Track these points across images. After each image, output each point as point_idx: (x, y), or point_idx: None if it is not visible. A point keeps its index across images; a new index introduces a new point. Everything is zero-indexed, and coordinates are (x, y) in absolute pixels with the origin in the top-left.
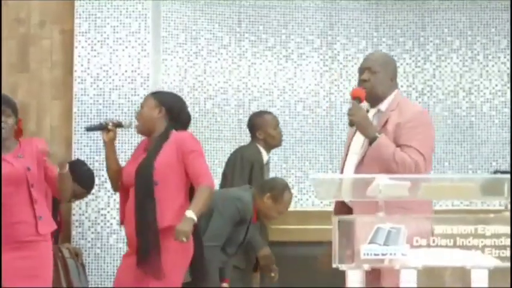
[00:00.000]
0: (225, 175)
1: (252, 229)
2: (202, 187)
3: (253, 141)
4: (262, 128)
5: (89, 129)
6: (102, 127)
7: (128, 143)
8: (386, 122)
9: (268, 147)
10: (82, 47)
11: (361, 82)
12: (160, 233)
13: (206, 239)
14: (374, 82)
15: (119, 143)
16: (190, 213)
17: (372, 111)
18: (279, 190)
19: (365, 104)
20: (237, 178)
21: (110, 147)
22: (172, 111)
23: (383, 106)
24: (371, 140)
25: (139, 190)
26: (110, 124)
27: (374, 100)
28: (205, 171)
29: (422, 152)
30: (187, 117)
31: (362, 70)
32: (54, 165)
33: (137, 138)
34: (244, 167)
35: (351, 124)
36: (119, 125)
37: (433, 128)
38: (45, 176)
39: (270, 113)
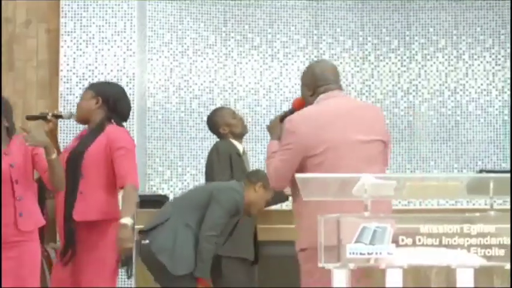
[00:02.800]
0: (206, 172)
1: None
2: (127, 189)
3: (223, 138)
4: (222, 123)
5: (29, 118)
6: (41, 117)
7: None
8: None
9: (238, 138)
10: (68, 47)
11: None
12: (86, 228)
13: (204, 229)
14: (301, 93)
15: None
16: (125, 220)
17: None
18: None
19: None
20: (218, 172)
21: (50, 138)
22: (108, 101)
23: None
24: None
25: (67, 181)
26: (50, 114)
27: None
28: (130, 170)
29: (276, 161)
30: (126, 108)
31: None
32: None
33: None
34: (222, 159)
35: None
36: (58, 115)
37: (298, 135)
38: (37, 168)
39: (222, 107)
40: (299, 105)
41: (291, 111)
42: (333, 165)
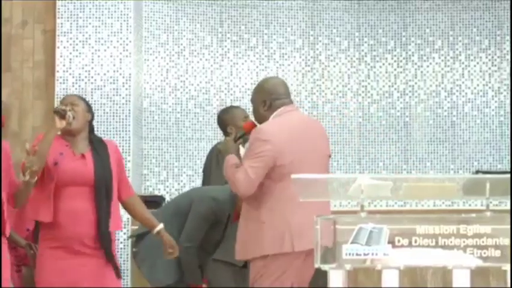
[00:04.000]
0: (204, 173)
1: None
2: (137, 198)
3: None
4: (232, 123)
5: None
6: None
7: None
8: None
9: (243, 141)
10: (64, 47)
11: None
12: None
13: (182, 240)
14: (253, 112)
15: None
16: (161, 225)
17: None
18: None
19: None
20: (215, 174)
21: (54, 136)
22: (93, 118)
23: None
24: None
25: (99, 192)
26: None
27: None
28: (129, 182)
29: (246, 168)
30: None
31: None
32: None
33: None
34: (221, 162)
35: (218, 152)
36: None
37: (272, 144)
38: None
39: (237, 106)
40: (250, 128)
41: (241, 135)
42: (285, 178)
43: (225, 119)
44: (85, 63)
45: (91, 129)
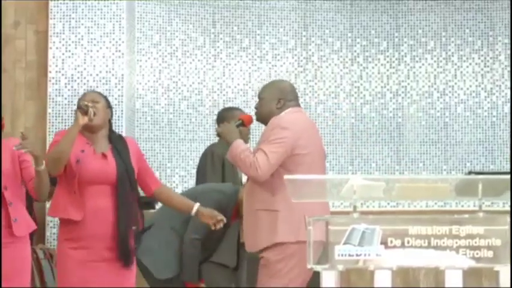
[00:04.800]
0: (197, 174)
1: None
2: (165, 186)
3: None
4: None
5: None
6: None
7: None
8: None
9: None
10: (56, 48)
11: (255, 109)
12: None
13: (189, 232)
14: (261, 106)
15: None
16: (198, 205)
17: None
18: None
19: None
20: (210, 175)
21: (77, 132)
22: (112, 115)
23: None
24: (230, 146)
25: (122, 191)
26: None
27: (265, 121)
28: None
29: (265, 151)
30: None
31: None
32: (30, 156)
33: None
34: (215, 163)
35: (218, 135)
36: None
37: (292, 132)
38: (23, 175)
39: (238, 108)
40: (248, 120)
41: (240, 124)
42: (309, 169)
43: (226, 116)
44: (77, 63)
45: (110, 126)
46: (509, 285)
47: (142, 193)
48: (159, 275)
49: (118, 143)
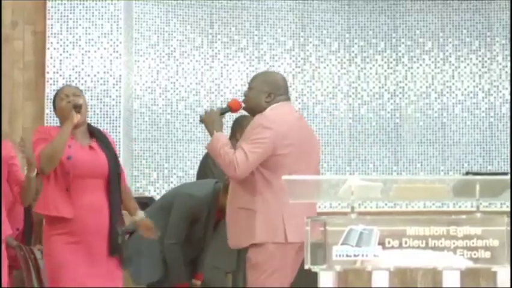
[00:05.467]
0: (198, 175)
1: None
2: (126, 187)
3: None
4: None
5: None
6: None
7: None
8: None
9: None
10: (54, 48)
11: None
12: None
13: (166, 237)
14: (249, 96)
15: None
16: (140, 216)
17: None
18: None
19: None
20: (216, 176)
21: (70, 129)
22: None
23: None
24: (210, 136)
25: (113, 184)
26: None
27: (252, 113)
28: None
29: (245, 149)
30: None
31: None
32: (24, 162)
33: None
34: (218, 165)
35: (201, 121)
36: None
37: (274, 133)
38: (10, 179)
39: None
40: (236, 107)
41: (226, 110)
42: (292, 168)
43: (243, 124)
44: (75, 64)
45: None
46: (507, 286)
47: (140, 193)
48: (139, 282)
49: (99, 136)
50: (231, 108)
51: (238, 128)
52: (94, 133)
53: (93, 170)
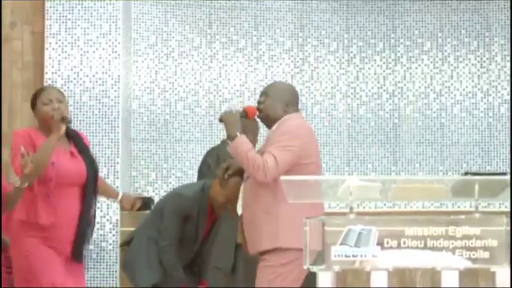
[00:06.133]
0: (200, 172)
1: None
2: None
3: (227, 140)
4: (248, 130)
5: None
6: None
7: None
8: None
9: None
10: (53, 49)
11: (258, 104)
12: None
13: (161, 239)
14: (266, 104)
15: None
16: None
17: (268, 133)
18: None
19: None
20: (210, 177)
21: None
22: None
23: (274, 126)
24: (232, 138)
25: (89, 191)
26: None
27: (267, 121)
28: None
29: (275, 155)
30: None
31: (260, 94)
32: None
33: None
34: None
35: (220, 120)
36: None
37: (301, 141)
38: None
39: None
40: (252, 113)
41: (243, 115)
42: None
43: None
44: (73, 64)
45: None
46: (506, 286)
47: (138, 194)
48: (139, 284)
49: (76, 139)
50: (247, 113)
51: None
52: (72, 137)
53: (74, 177)
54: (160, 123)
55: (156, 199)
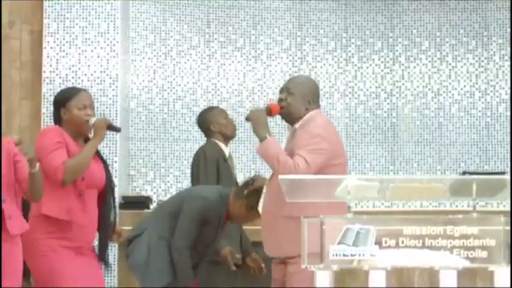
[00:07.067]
0: (191, 176)
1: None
2: None
3: (210, 137)
4: (214, 121)
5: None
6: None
7: None
8: (294, 138)
9: (226, 140)
10: (51, 48)
11: (279, 101)
12: None
13: (175, 239)
14: (289, 102)
15: None
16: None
17: (291, 130)
18: (255, 199)
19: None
20: (203, 177)
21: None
22: None
23: (297, 124)
24: (261, 139)
25: (108, 195)
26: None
27: (289, 119)
28: None
29: (306, 158)
30: None
31: (281, 90)
32: (25, 157)
33: None
34: (209, 164)
35: (247, 119)
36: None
37: (331, 143)
38: (17, 176)
39: (215, 106)
40: (275, 111)
41: (267, 113)
42: None
43: (206, 117)
44: (71, 63)
45: None
46: (504, 285)
47: (128, 193)
48: (150, 286)
49: None
50: (270, 111)
51: (208, 123)
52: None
53: (97, 180)
54: (158, 122)
55: (154, 198)
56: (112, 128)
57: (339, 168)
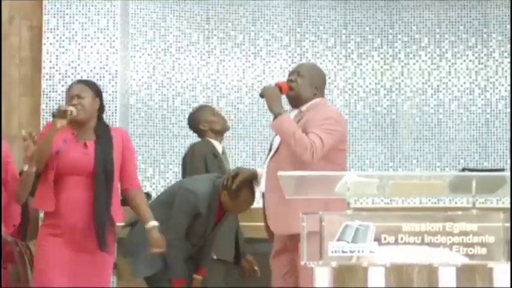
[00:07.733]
0: (182, 172)
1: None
2: (139, 191)
3: (202, 136)
4: (202, 119)
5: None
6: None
7: None
8: (301, 119)
9: (218, 135)
10: (50, 44)
11: (288, 81)
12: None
13: (166, 231)
14: (299, 84)
15: None
16: (154, 222)
17: (294, 112)
18: (242, 191)
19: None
20: (190, 173)
21: (54, 137)
22: (102, 103)
23: (304, 107)
24: (275, 115)
25: (98, 181)
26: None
27: (296, 100)
28: (136, 173)
29: (321, 137)
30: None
31: (291, 73)
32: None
33: None
34: (196, 162)
35: (261, 95)
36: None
37: (342, 127)
38: (4, 175)
39: (202, 105)
40: (285, 90)
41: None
42: (344, 162)
43: (195, 117)
44: (71, 59)
45: (99, 115)
46: (504, 283)
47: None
48: (138, 274)
49: (102, 134)
50: (281, 89)
51: (197, 122)
52: (98, 130)
53: (76, 167)
54: (158, 118)
55: (154, 194)
56: (61, 114)
57: (343, 154)
